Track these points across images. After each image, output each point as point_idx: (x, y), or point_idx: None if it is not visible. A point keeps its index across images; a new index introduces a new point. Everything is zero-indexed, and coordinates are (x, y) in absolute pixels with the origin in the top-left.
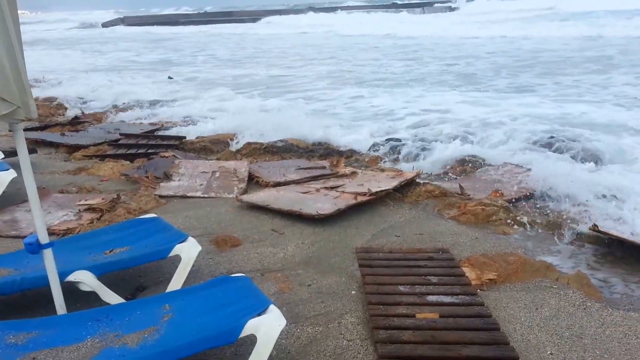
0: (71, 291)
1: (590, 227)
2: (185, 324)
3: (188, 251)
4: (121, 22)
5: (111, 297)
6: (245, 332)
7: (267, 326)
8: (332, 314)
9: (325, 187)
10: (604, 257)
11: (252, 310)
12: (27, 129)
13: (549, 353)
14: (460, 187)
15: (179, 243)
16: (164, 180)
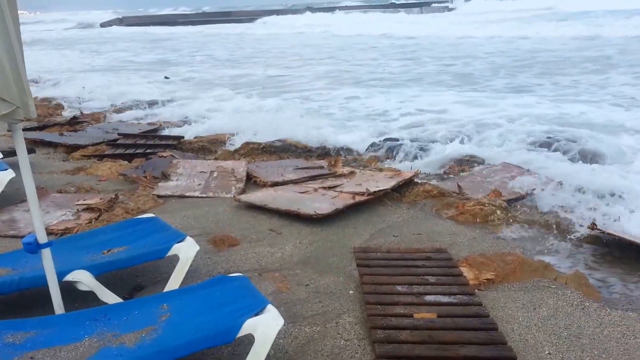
0: (69, 291)
1: (589, 226)
2: (183, 323)
3: (186, 251)
4: (119, 22)
5: (109, 297)
6: (242, 332)
7: (265, 326)
8: (329, 313)
9: (323, 187)
10: (602, 257)
11: (249, 310)
12: (26, 129)
13: (546, 353)
14: (459, 187)
15: (177, 243)
16: (162, 180)
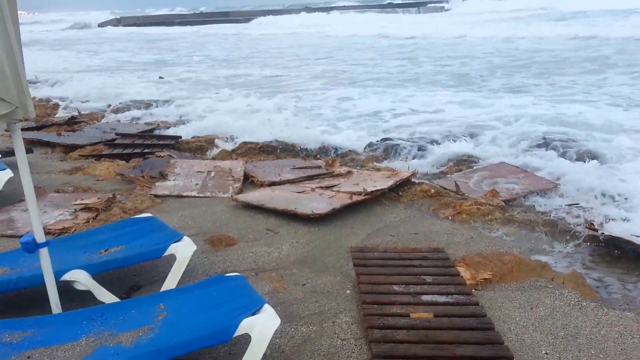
0: (66, 290)
1: (587, 226)
2: (179, 323)
3: (183, 250)
4: (118, 23)
5: (106, 296)
6: (239, 331)
7: (262, 325)
8: (326, 313)
9: (320, 187)
10: (599, 256)
11: (246, 310)
12: (24, 129)
13: (543, 353)
14: (456, 186)
15: (174, 242)
16: (159, 180)
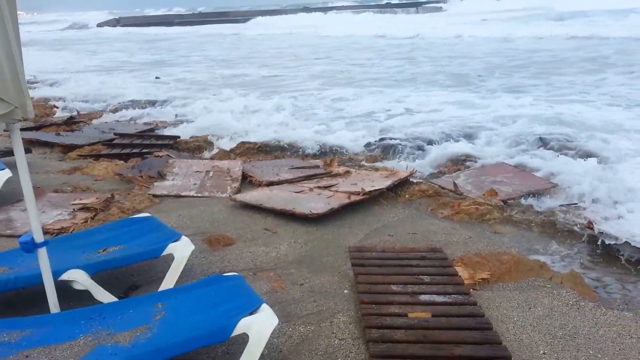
0: (65, 290)
1: (586, 225)
2: (177, 322)
3: (181, 250)
4: (117, 23)
5: (104, 296)
6: (237, 331)
7: (259, 325)
8: (324, 313)
9: (318, 187)
10: (598, 256)
11: (244, 309)
12: (22, 129)
13: (541, 352)
14: (455, 186)
15: (172, 242)
16: (157, 180)
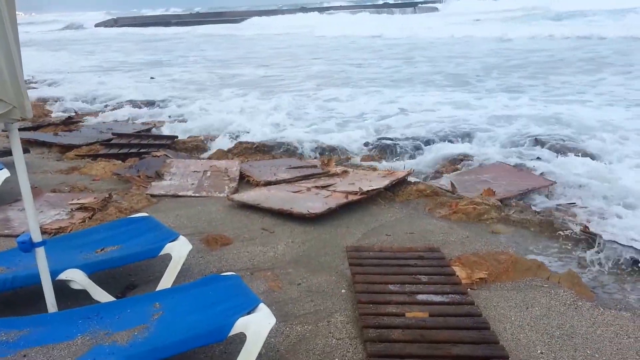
0: (62, 289)
1: (581, 229)
2: (175, 322)
3: (179, 250)
4: (114, 23)
5: (102, 296)
6: (234, 331)
7: (257, 324)
8: (321, 312)
9: (316, 186)
10: (595, 256)
11: (241, 309)
12: (21, 129)
13: (539, 352)
14: (452, 186)
15: (170, 242)
16: (155, 180)
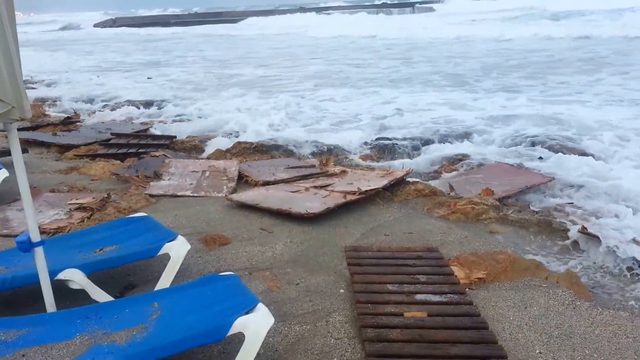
0: (61, 289)
1: (579, 230)
2: (173, 322)
3: (177, 250)
4: (113, 24)
5: (100, 295)
6: (233, 330)
7: (255, 324)
8: (320, 312)
9: (314, 186)
10: (594, 256)
11: (240, 309)
12: (19, 129)
13: (537, 352)
14: (450, 186)
15: (168, 242)
16: (154, 180)
